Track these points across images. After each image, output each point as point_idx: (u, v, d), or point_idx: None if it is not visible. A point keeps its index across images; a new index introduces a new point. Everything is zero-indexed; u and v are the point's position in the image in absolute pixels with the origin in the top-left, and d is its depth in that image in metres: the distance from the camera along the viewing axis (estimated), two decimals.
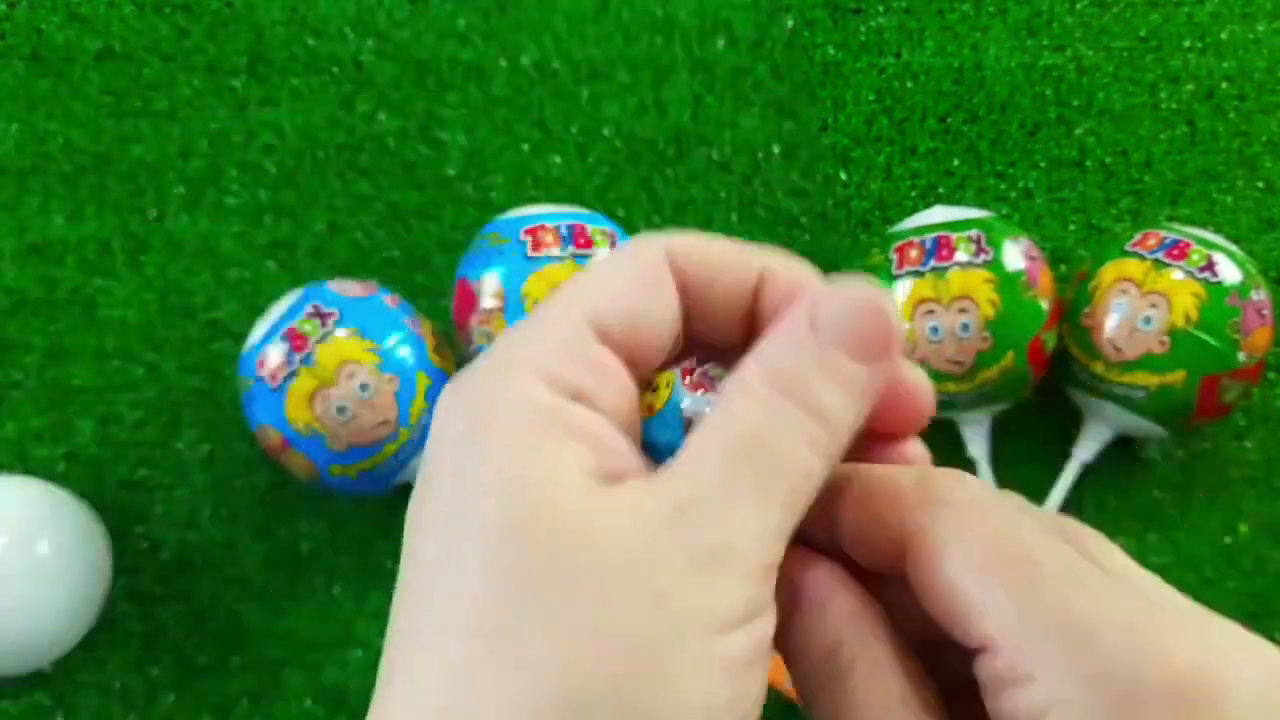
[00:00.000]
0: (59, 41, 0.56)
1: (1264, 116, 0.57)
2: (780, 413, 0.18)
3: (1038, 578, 0.17)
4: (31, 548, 0.44)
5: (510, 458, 0.17)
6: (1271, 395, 0.52)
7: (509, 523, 0.17)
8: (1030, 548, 0.18)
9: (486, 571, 0.17)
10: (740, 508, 0.17)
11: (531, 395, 0.18)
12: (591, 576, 0.16)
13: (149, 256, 0.53)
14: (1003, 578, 0.17)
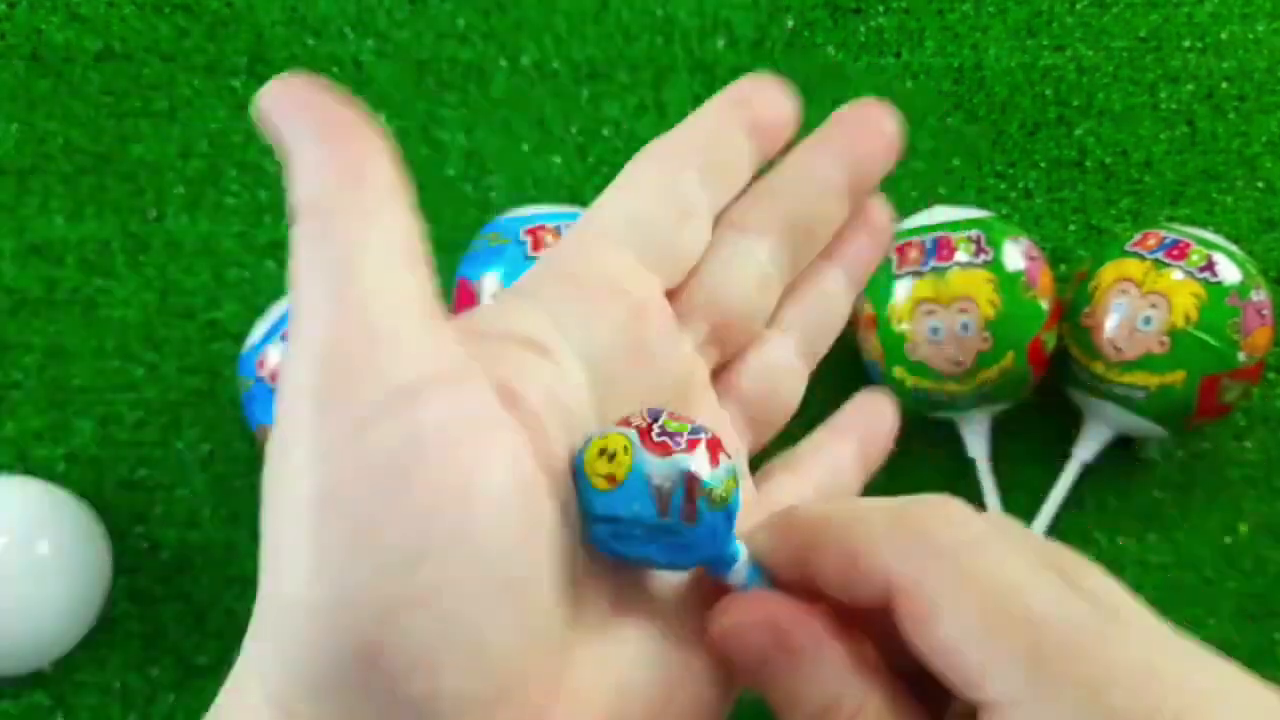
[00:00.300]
0: (59, 41, 0.56)
1: (1264, 116, 0.57)
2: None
3: (1040, 638, 0.16)
4: (31, 548, 0.44)
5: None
6: (1271, 395, 0.52)
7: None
8: (1029, 601, 0.17)
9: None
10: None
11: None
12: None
13: (149, 256, 0.53)
14: (1004, 641, 0.17)
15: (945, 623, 0.17)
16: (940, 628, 0.17)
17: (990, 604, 0.17)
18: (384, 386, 0.16)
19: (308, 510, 0.16)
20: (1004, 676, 0.16)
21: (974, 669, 0.17)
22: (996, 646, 0.17)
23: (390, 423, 0.16)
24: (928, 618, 0.17)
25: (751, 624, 0.19)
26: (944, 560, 0.17)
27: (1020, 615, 0.17)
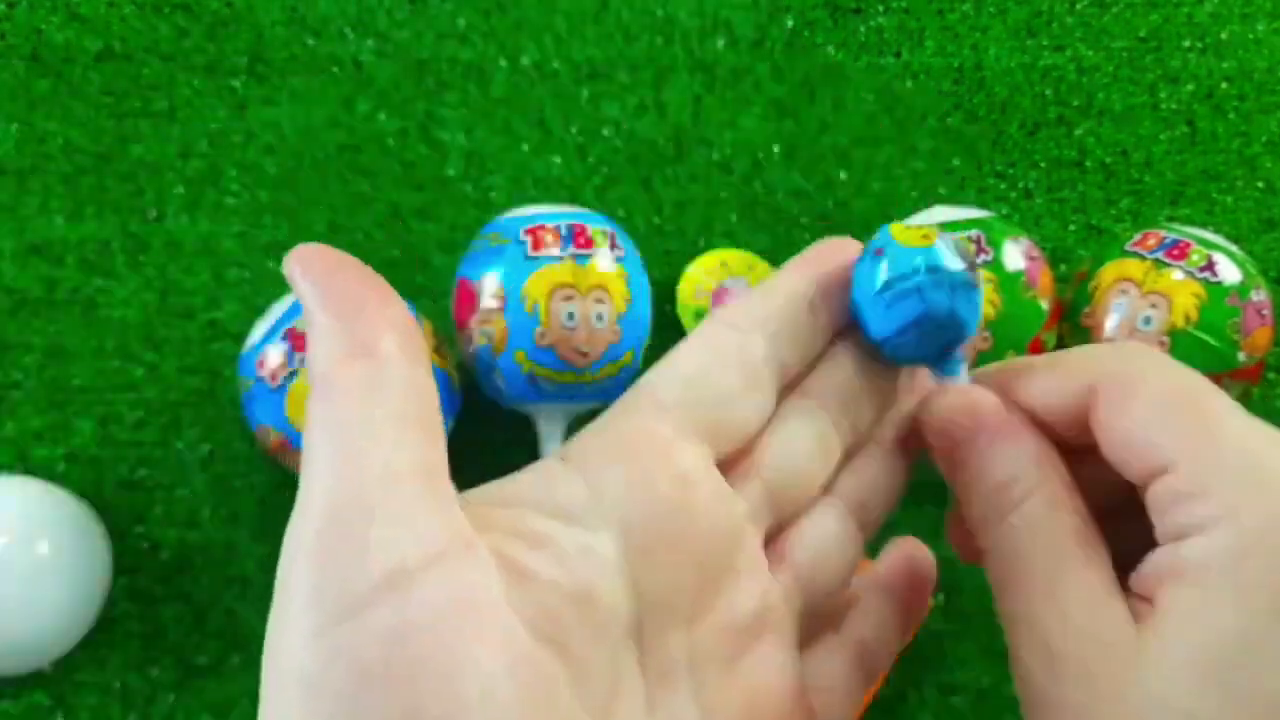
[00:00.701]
0: (58, 41, 0.56)
1: (1264, 116, 0.57)
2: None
3: (1215, 414, 0.19)
4: (31, 548, 0.44)
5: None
6: (1271, 395, 0.52)
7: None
8: (1212, 396, 0.20)
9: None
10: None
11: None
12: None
13: (149, 256, 0.53)
14: (1185, 412, 0.19)
15: (1139, 401, 0.19)
16: (1134, 404, 0.20)
17: (1176, 387, 0.20)
18: (377, 569, 0.17)
19: (296, 689, 0.16)
20: (1182, 436, 0.19)
21: (1159, 433, 0.19)
22: (1178, 415, 0.19)
23: (381, 609, 0.16)
24: (1123, 396, 0.20)
25: (960, 405, 0.22)
26: (1148, 362, 0.20)
27: (1200, 396, 0.19)
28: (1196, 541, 0.18)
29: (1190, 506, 0.18)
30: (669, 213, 0.55)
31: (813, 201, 0.55)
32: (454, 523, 0.18)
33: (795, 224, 0.55)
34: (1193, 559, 0.18)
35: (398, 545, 0.17)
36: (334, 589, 0.17)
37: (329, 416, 0.18)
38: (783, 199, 0.55)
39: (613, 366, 0.46)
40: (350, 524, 0.17)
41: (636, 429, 0.21)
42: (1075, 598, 0.19)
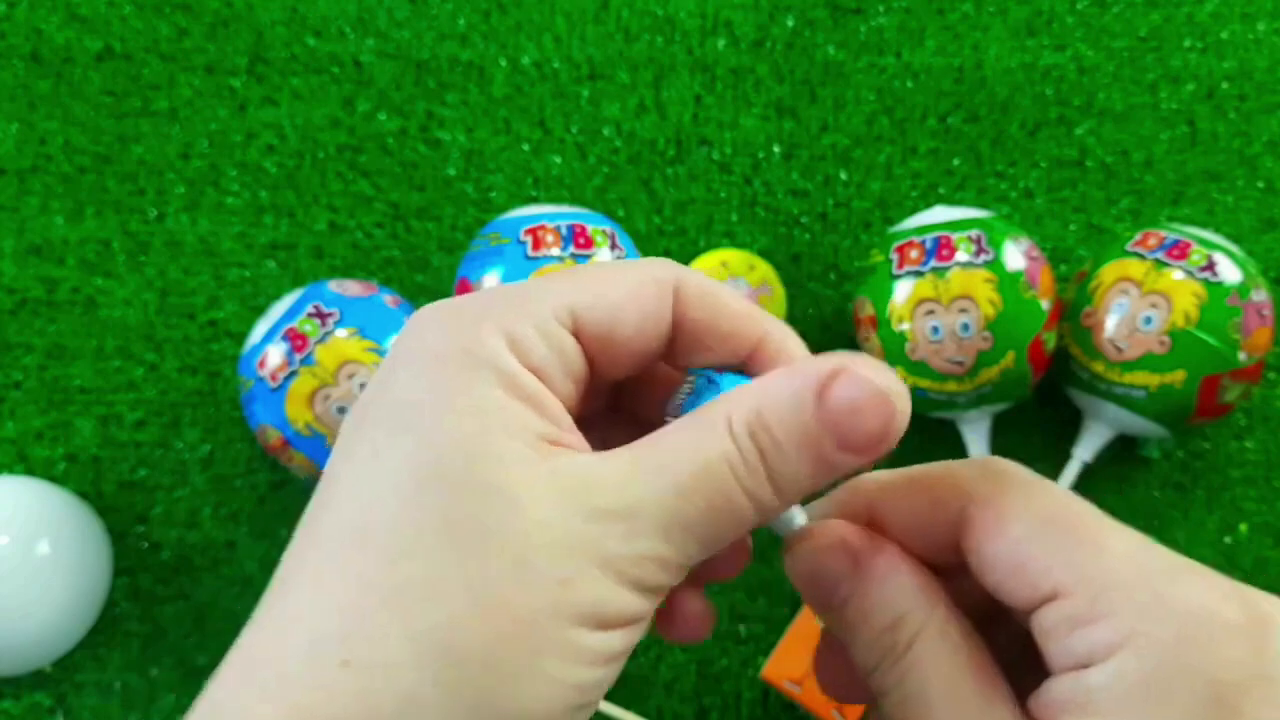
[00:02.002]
0: (59, 41, 0.56)
1: (1265, 116, 0.57)
2: (747, 466, 0.19)
3: (1103, 534, 0.19)
4: (32, 548, 0.44)
5: (467, 407, 0.18)
6: (1272, 395, 0.52)
7: (450, 467, 0.18)
8: (1090, 515, 0.19)
9: (409, 502, 0.18)
10: (667, 537, 0.18)
11: (497, 356, 0.19)
12: (512, 542, 0.17)
13: (149, 256, 0.53)
14: (1067, 534, 0.19)
15: (1014, 524, 0.19)
16: (1011, 529, 0.19)
17: (1056, 509, 0.19)
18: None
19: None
20: (1070, 560, 0.18)
21: (1042, 559, 0.18)
22: (1062, 537, 0.18)
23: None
24: (999, 523, 0.19)
25: (829, 547, 0.21)
26: (1017, 484, 0.20)
27: (1080, 517, 0.19)
28: (1101, 670, 0.17)
29: (1088, 633, 0.18)
30: (669, 213, 0.55)
31: (813, 201, 0.55)
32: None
33: (795, 223, 0.55)
34: (1098, 688, 0.17)
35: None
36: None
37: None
38: (783, 198, 0.55)
39: None
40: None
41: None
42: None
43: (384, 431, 0.18)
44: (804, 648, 0.45)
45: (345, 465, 0.19)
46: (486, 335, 0.19)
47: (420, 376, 0.19)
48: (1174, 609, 0.17)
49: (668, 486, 0.18)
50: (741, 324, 0.21)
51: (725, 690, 0.47)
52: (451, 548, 0.17)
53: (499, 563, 0.17)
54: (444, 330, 0.19)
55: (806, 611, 0.46)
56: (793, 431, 0.19)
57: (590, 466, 0.19)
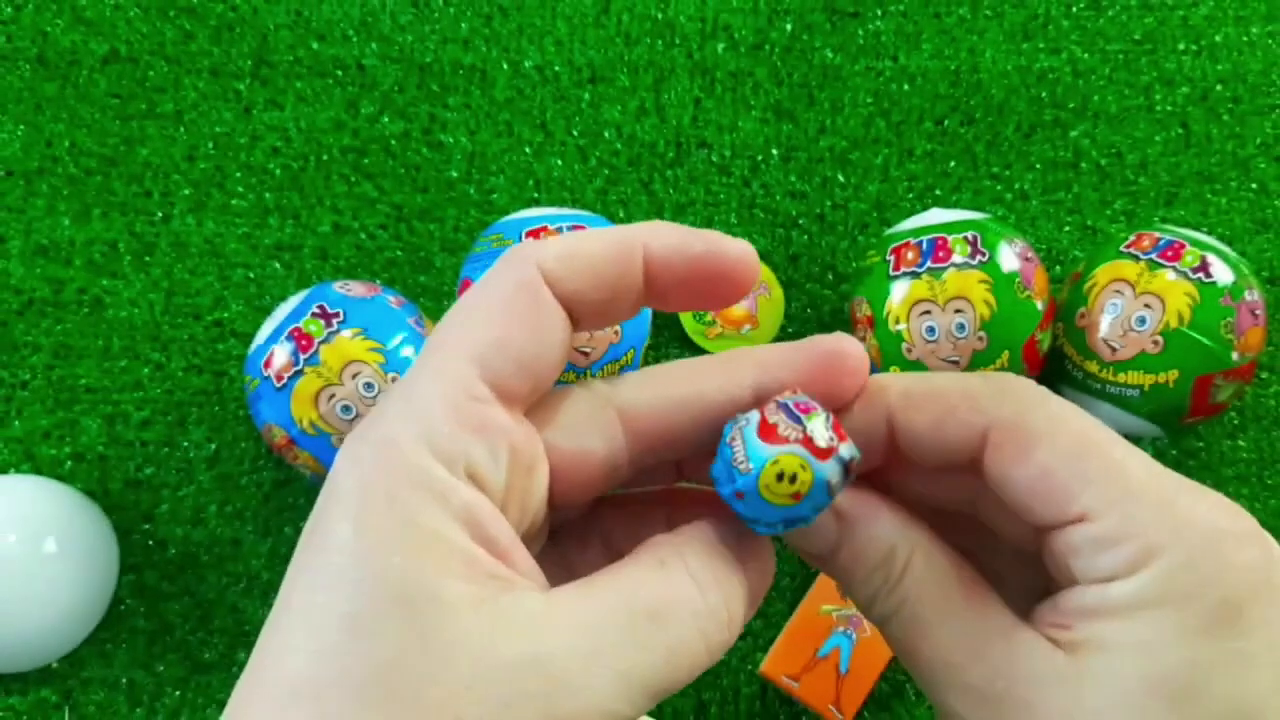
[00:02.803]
0: (65, 44, 0.57)
1: (1258, 119, 0.58)
2: (701, 605, 0.19)
3: (1120, 460, 0.19)
4: (39, 545, 0.44)
5: (396, 548, 0.17)
6: (1264, 394, 0.53)
7: (378, 626, 0.17)
8: (1107, 438, 0.20)
9: (338, 662, 0.17)
10: (611, 691, 0.18)
11: (420, 468, 0.18)
12: (452, 700, 0.17)
13: (155, 257, 0.53)
14: (1093, 459, 0.19)
15: (1043, 449, 0.19)
16: (1038, 453, 0.19)
17: (1084, 439, 0.20)
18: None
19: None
20: (1099, 483, 0.19)
21: (1071, 482, 0.19)
22: (1087, 466, 0.19)
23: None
24: (1026, 447, 0.20)
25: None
26: (1043, 406, 0.20)
27: (1107, 444, 0.19)
28: (1125, 584, 0.19)
29: (1116, 552, 0.19)
30: (669, 214, 0.55)
31: (811, 203, 0.56)
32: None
33: (794, 225, 0.55)
34: (1123, 598, 0.19)
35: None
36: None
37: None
38: (781, 200, 0.56)
39: (614, 366, 0.46)
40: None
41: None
42: (990, 640, 0.20)
43: (321, 584, 0.17)
44: (802, 644, 0.45)
45: (285, 617, 0.18)
46: (406, 444, 0.18)
47: (348, 519, 0.18)
48: (1193, 527, 0.19)
49: (622, 638, 0.18)
50: (616, 263, 0.21)
51: (724, 685, 0.48)
52: (390, 707, 0.16)
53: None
54: (368, 454, 0.18)
55: (804, 608, 0.46)
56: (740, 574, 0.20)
57: (532, 611, 0.18)
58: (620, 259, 0.20)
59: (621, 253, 0.21)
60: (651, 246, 0.21)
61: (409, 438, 0.18)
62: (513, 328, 0.19)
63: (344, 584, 0.17)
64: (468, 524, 0.18)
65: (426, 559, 0.17)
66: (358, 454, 0.18)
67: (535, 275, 0.20)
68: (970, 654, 0.20)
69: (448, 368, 0.19)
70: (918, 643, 0.20)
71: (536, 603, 0.18)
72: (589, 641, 0.18)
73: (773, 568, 0.21)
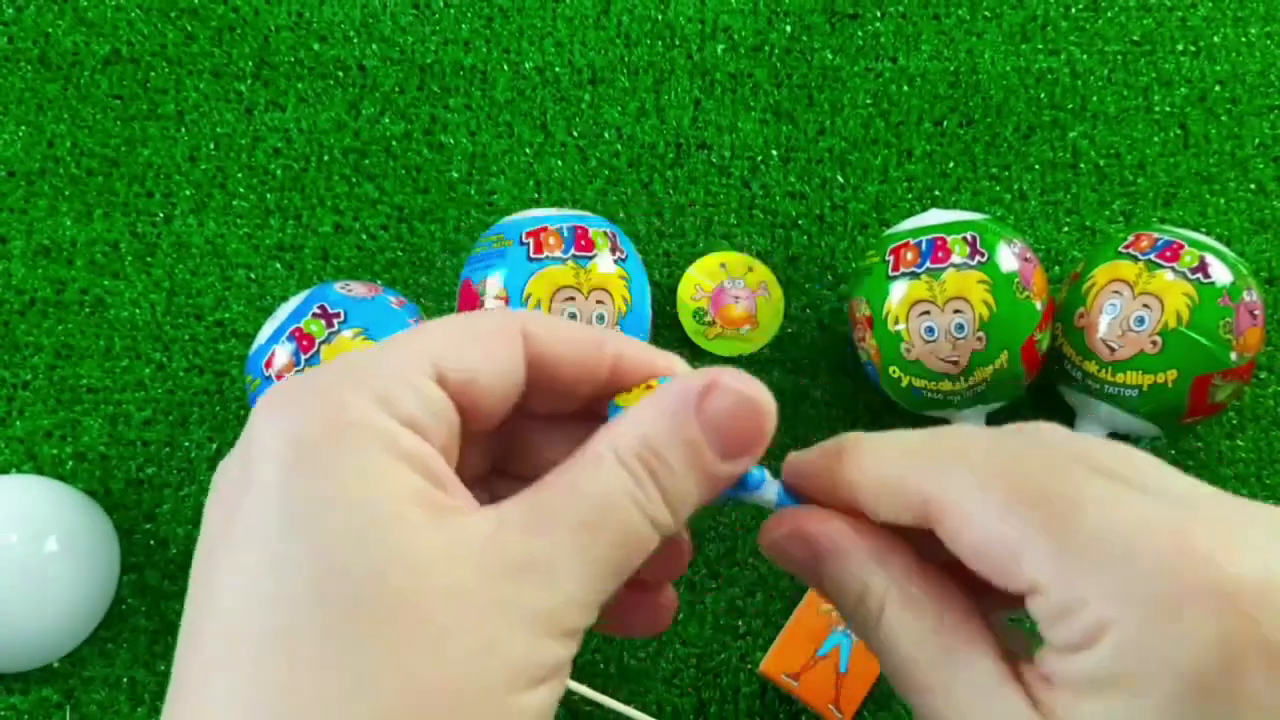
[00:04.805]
0: (67, 45, 0.57)
1: (1256, 119, 0.58)
2: (639, 490, 0.19)
3: (1066, 513, 0.18)
4: (40, 545, 0.44)
5: (349, 484, 0.17)
6: (1262, 394, 0.53)
7: (347, 555, 0.17)
8: (1054, 486, 0.18)
9: (315, 600, 0.17)
10: (576, 577, 0.18)
11: (368, 417, 0.18)
12: (427, 621, 0.17)
13: (157, 258, 0.54)
14: (1031, 523, 0.18)
15: (976, 522, 0.19)
16: (974, 526, 0.19)
17: (1014, 494, 0.18)
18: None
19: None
20: (1036, 555, 0.18)
21: (1010, 556, 0.18)
22: (1024, 529, 0.18)
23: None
24: (961, 520, 0.19)
25: (784, 536, 0.22)
26: (968, 468, 0.19)
27: (1043, 495, 0.18)
28: (1086, 657, 0.17)
29: (1071, 622, 0.18)
30: (669, 215, 0.55)
31: (810, 204, 0.56)
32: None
33: (793, 226, 0.55)
34: (1085, 674, 0.17)
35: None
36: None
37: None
38: (781, 201, 0.56)
39: None
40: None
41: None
42: (967, 697, 0.19)
43: (270, 534, 0.17)
44: (802, 643, 0.46)
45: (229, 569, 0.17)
46: (353, 400, 0.18)
47: (294, 463, 0.17)
48: (1146, 592, 0.17)
49: (574, 528, 0.18)
50: (589, 353, 0.21)
51: (724, 684, 0.48)
52: (368, 643, 0.16)
53: (419, 646, 0.17)
54: (303, 410, 0.18)
55: (804, 607, 0.46)
56: (679, 449, 0.19)
57: (489, 523, 0.18)
58: (593, 347, 0.21)
59: (596, 345, 0.21)
60: (627, 356, 0.22)
61: (354, 392, 0.18)
62: (474, 345, 0.20)
63: (298, 537, 0.17)
64: (414, 463, 0.18)
65: (379, 499, 0.17)
66: (290, 405, 0.18)
67: (517, 325, 0.21)
68: (951, 709, 0.19)
69: (402, 350, 0.20)
70: (902, 684, 0.20)
71: (490, 519, 0.18)
72: (549, 541, 0.18)
73: (707, 453, 0.20)
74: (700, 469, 0.20)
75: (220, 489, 0.18)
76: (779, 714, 0.47)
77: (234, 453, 0.19)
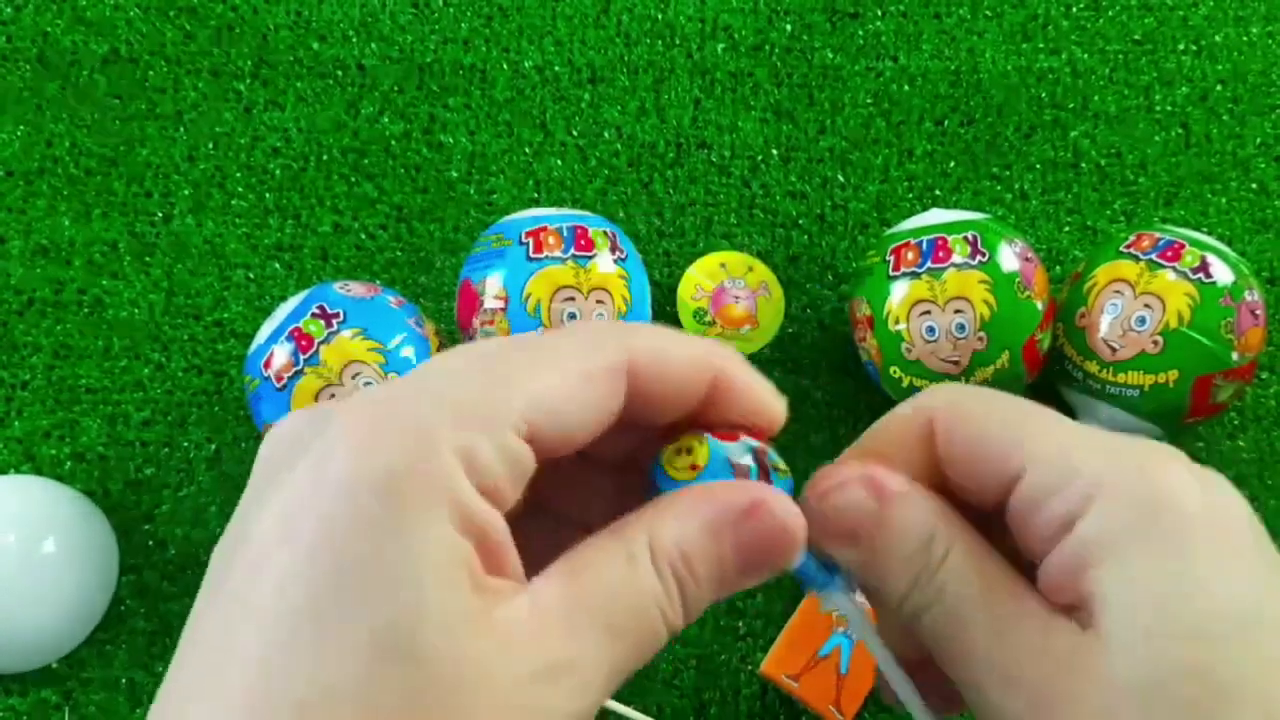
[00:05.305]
0: (65, 45, 0.57)
1: (1258, 119, 0.58)
2: (670, 603, 0.19)
3: (1044, 416, 0.21)
4: (39, 546, 0.44)
5: (415, 558, 0.17)
6: (1264, 395, 0.53)
7: (394, 634, 0.17)
8: (1036, 406, 0.21)
9: (350, 670, 0.16)
10: (601, 680, 0.18)
11: (451, 476, 0.17)
12: (465, 713, 0.17)
13: (155, 258, 0.54)
14: (1023, 418, 0.21)
15: (975, 422, 0.21)
16: (971, 425, 0.21)
17: (1017, 410, 0.21)
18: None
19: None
20: (1035, 438, 0.20)
21: (1000, 451, 0.20)
22: (1019, 430, 0.21)
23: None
24: (963, 417, 0.21)
25: (851, 479, 0.22)
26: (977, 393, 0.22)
27: (1040, 417, 0.21)
28: (1087, 521, 0.19)
29: (1065, 494, 0.19)
30: (669, 215, 0.55)
31: (811, 203, 0.56)
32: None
33: (794, 225, 0.55)
34: (1091, 538, 0.19)
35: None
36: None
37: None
38: (781, 201, 0.56)
39: None
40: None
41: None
42: (1027, 628, 0.20)
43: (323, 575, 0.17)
44: (802, 644, 0.46)
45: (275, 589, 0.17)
46: (441, 449, 0.17)
47: (364, 507, 0.17)
48: (1130, 452, 0.20)
49: (605, 631, 0.19)
50: (692, 374, 0.21)
51: (724, 685, 0.48)
52: (405, 714, 0.16)
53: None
54: (389, 445, 0.17)
55: (804, 608, 0.46)
56: (711, 566, 0.20)
57: (528, 612, 0.18)
58: (698, 375, 0.21)
59: (700, 363, 0.21)
60: (727, 374, 0.21)
61: (448, 442, 0.17)
62: (576, 388, 0.19)
63: (351, 597, 0.17)
64: (478, 540, 0.18)
65: (442, 567, 0.17)
66: (380, 432, 0.18)
67: (624, 364, 0.20)
68: (1015, 648, 0.20)
69: (501, 395, 0.18)
70: (956, 635, 0.20)
71: (523, 609, 0.18)
72: (581, 645, 0.18)
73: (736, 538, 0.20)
74: (721, 583, 0.20)
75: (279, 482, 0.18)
76: (779, 715, 0.47)
77: (306, 449, 0.18)
